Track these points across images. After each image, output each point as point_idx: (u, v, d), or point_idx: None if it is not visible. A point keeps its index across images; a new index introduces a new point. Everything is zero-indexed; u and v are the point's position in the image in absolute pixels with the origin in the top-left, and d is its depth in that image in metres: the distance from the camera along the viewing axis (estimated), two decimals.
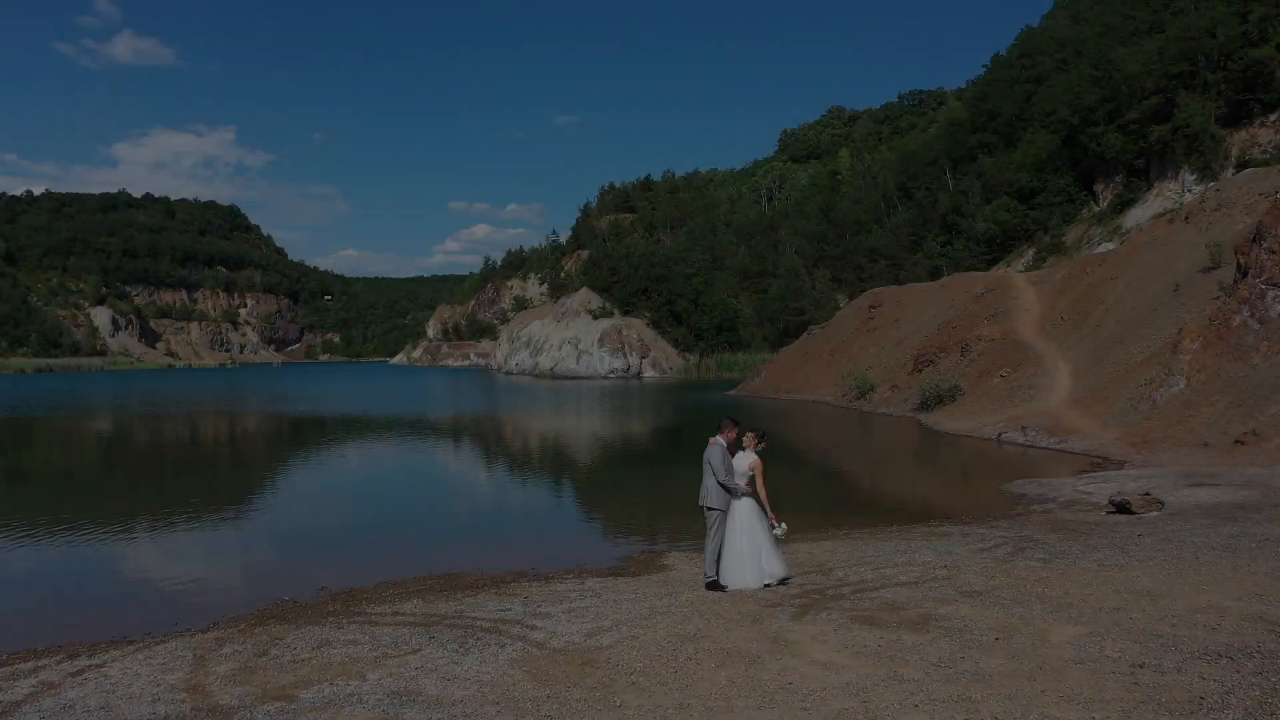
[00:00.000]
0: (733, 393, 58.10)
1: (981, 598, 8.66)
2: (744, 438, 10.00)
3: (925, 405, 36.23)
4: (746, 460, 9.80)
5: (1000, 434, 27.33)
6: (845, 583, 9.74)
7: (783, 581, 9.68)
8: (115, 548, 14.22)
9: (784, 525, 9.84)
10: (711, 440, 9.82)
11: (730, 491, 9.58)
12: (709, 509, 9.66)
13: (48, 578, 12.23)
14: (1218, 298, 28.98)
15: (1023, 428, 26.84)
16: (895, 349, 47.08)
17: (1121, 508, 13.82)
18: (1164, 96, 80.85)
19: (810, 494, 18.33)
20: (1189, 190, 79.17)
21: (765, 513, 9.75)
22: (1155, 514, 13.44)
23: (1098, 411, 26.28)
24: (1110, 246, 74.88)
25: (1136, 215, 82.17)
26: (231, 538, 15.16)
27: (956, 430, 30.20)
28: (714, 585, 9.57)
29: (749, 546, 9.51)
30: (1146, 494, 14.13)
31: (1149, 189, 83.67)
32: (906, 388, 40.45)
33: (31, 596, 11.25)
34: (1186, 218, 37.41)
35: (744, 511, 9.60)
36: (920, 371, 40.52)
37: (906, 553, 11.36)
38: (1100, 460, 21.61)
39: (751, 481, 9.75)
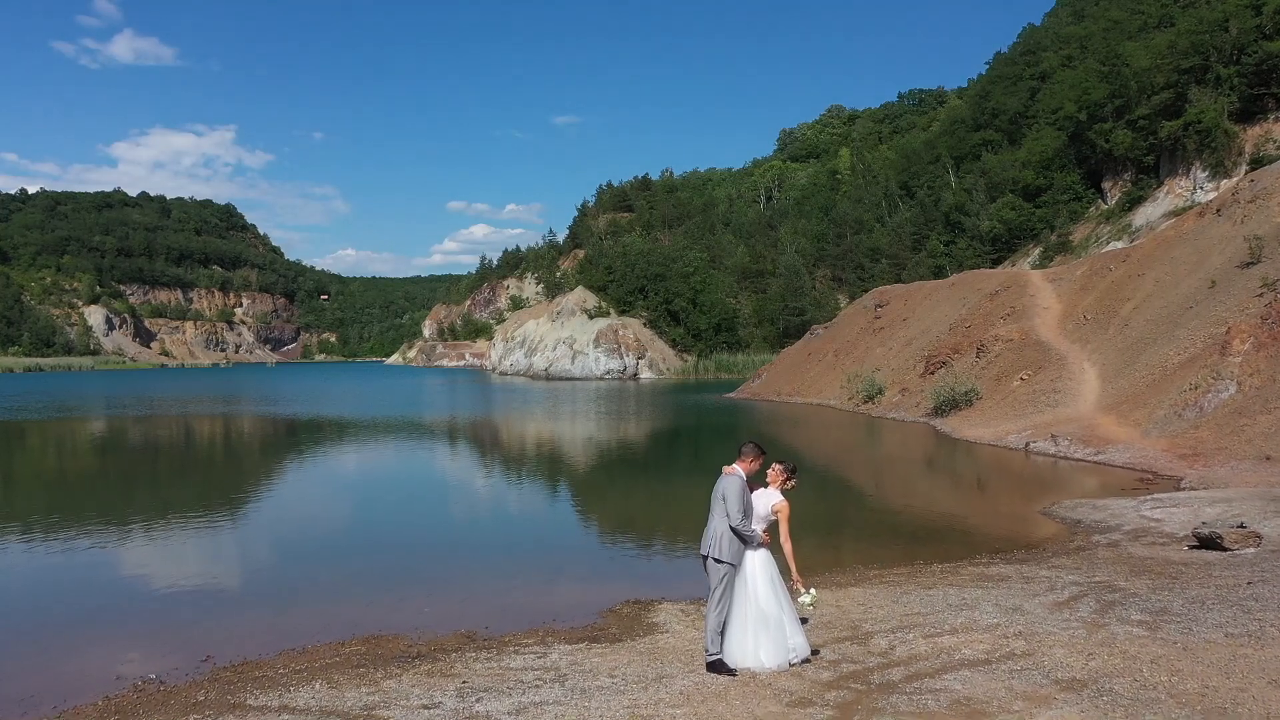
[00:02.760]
0: (732, 396, 55.65)
1: (1089, 692, 6.26)
2: (768, 471, 7.57)
3: (939, 410, 33.82)
4: (770, 501, 7.36)
5: (1028, 443, 24.90)
6: (892, 659, 7.31)
7: (806, 660, 7.26)
8: None
9: (813, 592, 7.43)
10: (726, 469, 7.34)
11: (744, 540, 7.14)
12: (715, 561, 7.17)
13: None
14: (1261, 294, 26.63)
15: (1053, 436, 24.43)
16: (904, 350, 44.68)
17: (1208, 542, 11.42)
18: (1175, 91, 78.87)
19: (826, 517, 15.78)
20: (1200, 187, 77.20)
21: (789, 572, 7.34)
22: (1253, 550, 11.05)
23: (1136, 419, 23.87)
24: (1119, 245, 72.61)
25: (1146, 213, 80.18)
26: (124, 576, 12.28)
27: (977, 438, 27.77)
28: (718, 666, 7.12)
29: (768, 614, 7.08)
30: (1240, 525, 11.71)
31: (1159, 186, 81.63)
32: (918, 391, 38.03)
33: None
34: (1218, 210, 35.02)
35: (760, 567, 7.17)
36: (932, 374, 38.12)
37: (962, 607, 8.94)
38: (1149, 476, 19.19)
39: (772, 529, 7.34)
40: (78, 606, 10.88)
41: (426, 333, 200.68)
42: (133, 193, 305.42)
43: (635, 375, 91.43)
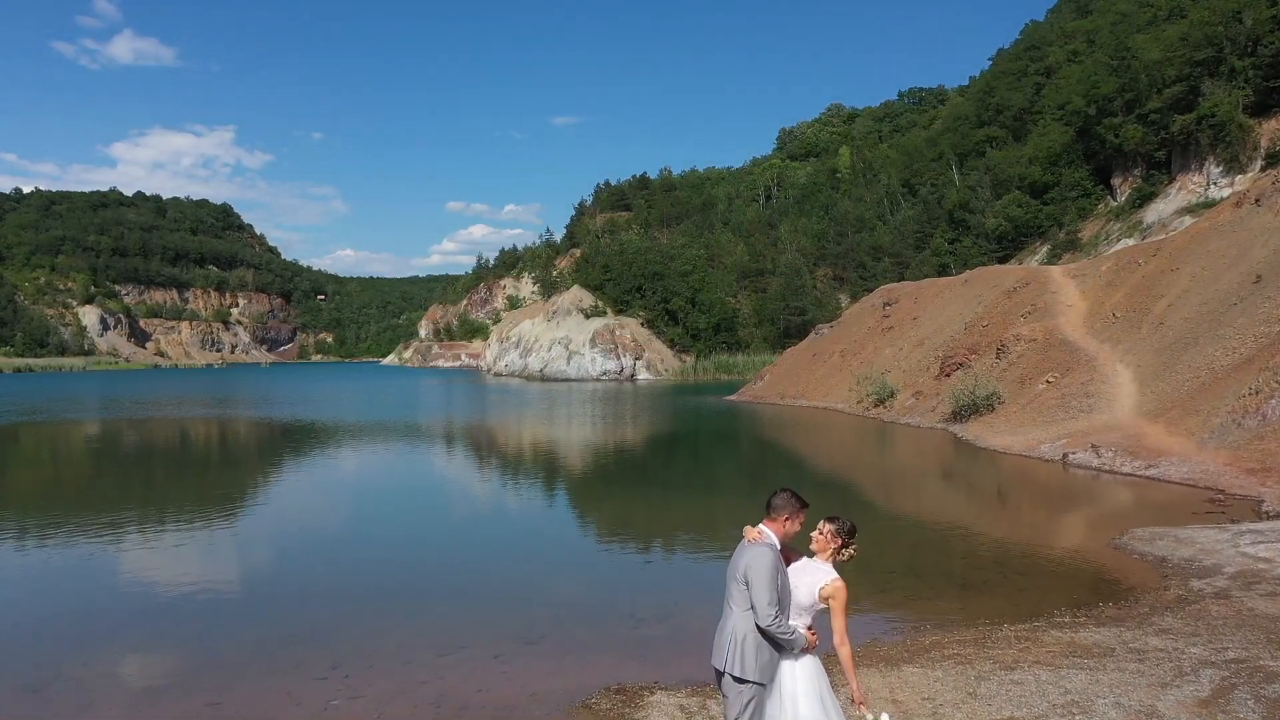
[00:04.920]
0: (733, 398, 53.19)
1: None
2: (814, 534, 5.04)
3: (959, 415, 31.39)
4: (816, 581, 4.86)
5: (1066, 454, 22.42)
6: None
7: None
8: None
9: (886, 719, 4.93)
10: (749, 534, 4.86)
11: (780, 646, 4.68)
12: (736, 680, 4.67)
13: None
14: None
15: (1094, 446, 21.96)
16: (915, 350, 42.23)
17: None
18: (1187, 85, 76.64)
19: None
20: (1214, 183, 75.16)
21: (851, 688, 4.89)
22: None
23: (1188, 427, 21.42)
24: (1130, 242, 70.30)
25: (1158, 210, 78.11)
26: None
27: (1005, 447, 25.29)
28: None
29: None
30: None
31: (1171, 182, 79.50)
32: (933, 394, 35.61)
33: None
34: (1257, 200, 32.62)
35: (803, 682, 4.70)
36: (948, 376, 35.69)
37: (1069, 707, 6.48)
38: (1219, 495, 16.71)
39: (820, 620, 4.88)
40: None
41: (423, 333, 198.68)
42: (129, 193, 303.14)
43: (632, 376, 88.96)
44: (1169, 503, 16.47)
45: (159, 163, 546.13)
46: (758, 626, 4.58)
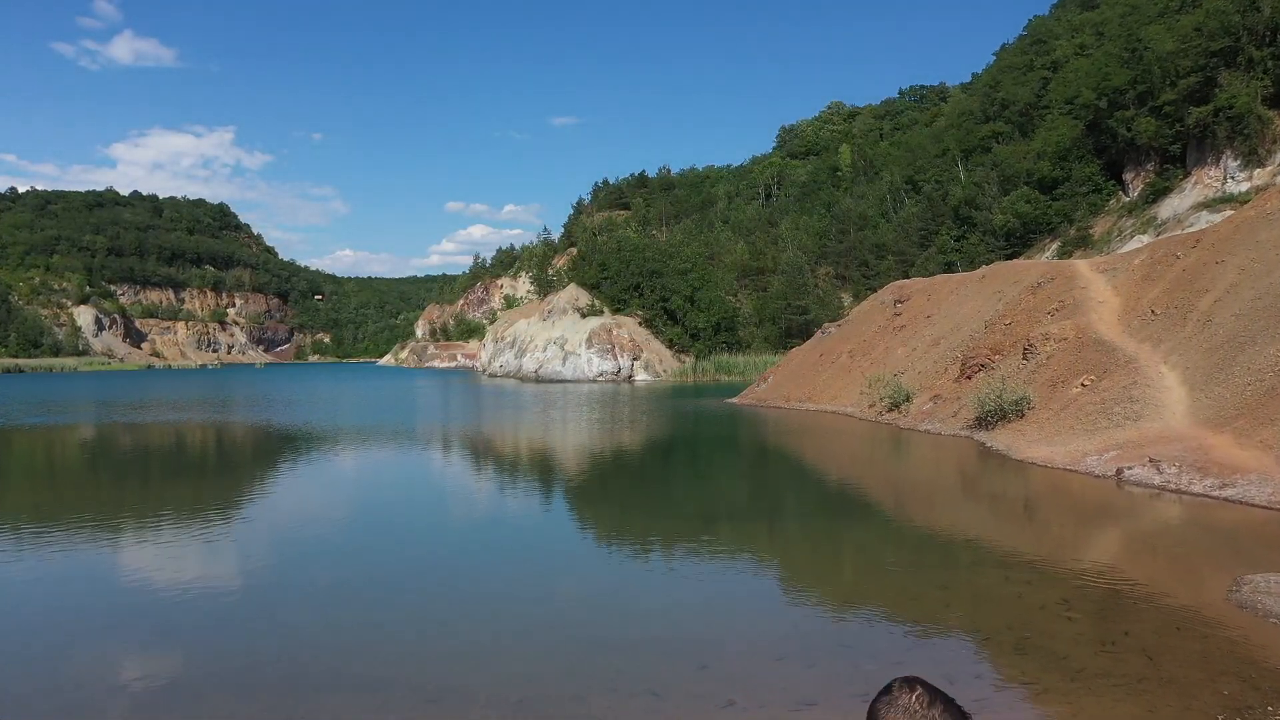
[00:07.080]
0: (735, 401, 50.48)
1: None
2: None
3: (984, 422, 28.70)
4: None
5: (1120, 470, 19.67)
6: None
7: None
8: None
9: None
10: None
11: None
12: None
13: None
14: None
15: (1152, 460, 19.23)
16: (930, 350, 39.55)
17: None
18: (1202, 76, 74.13)
19: (899, 603, 10.54)
20: (1231, 177, 72.72)
21: None
22: None
23: (1262, 439, 18.68)
24: (1144, 239, 67.68)
25: (1173, 205, 75.65)
26: None
27: (1045, 460, 22.55)
28: None
29: None
30: None
31: (1186, 177, 76.96)
32: (954, 399, 32.91)
33: None
34: None
35: None
36: (969, 378, 33.03)
37: None
38: None
39: None
40: None
41: (419, 333, 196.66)
42: (127, 193, 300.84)
43: (630, 377, 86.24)
44: (1266, 534, 13.76)
45: (159, 163, 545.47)
46: None
